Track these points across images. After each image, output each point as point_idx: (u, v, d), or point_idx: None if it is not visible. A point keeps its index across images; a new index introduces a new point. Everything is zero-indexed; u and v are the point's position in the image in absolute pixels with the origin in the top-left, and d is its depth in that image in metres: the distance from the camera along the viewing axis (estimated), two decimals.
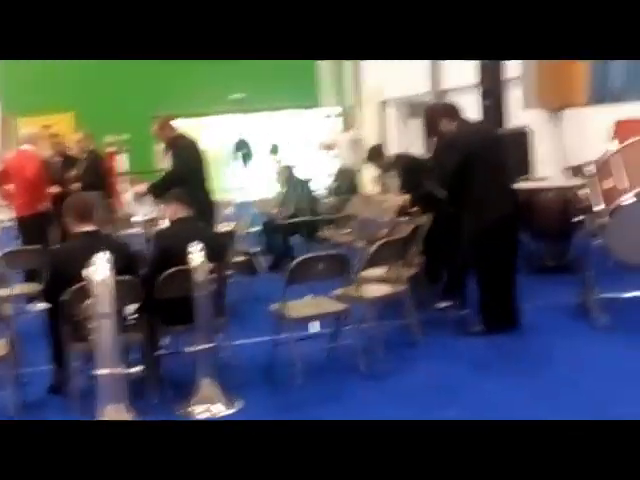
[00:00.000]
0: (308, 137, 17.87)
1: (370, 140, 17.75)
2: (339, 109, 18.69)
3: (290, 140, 17.66)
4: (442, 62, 15.32)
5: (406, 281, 5.68)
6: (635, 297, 6.29)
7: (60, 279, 4.77)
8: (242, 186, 17.76)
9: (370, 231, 8.51)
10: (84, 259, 4.60)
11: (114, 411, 4.21)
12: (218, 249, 5.18)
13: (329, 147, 12.32)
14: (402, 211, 7.02)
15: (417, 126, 16.91)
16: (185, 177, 6.64)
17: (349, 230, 8.84)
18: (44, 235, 7.28)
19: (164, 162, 15.87)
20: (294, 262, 5.17)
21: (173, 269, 4.81)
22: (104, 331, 4.25)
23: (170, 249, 4.95)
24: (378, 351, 5.26)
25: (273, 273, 8.33)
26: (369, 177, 14.48)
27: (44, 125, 18.01)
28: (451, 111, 6.17)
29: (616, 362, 4.96)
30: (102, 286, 4.23)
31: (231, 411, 4.57)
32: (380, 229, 8.07)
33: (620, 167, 5.72)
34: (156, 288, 4.83)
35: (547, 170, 10.58)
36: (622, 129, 10.18)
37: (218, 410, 4.57)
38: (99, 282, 4.23)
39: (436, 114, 6.32)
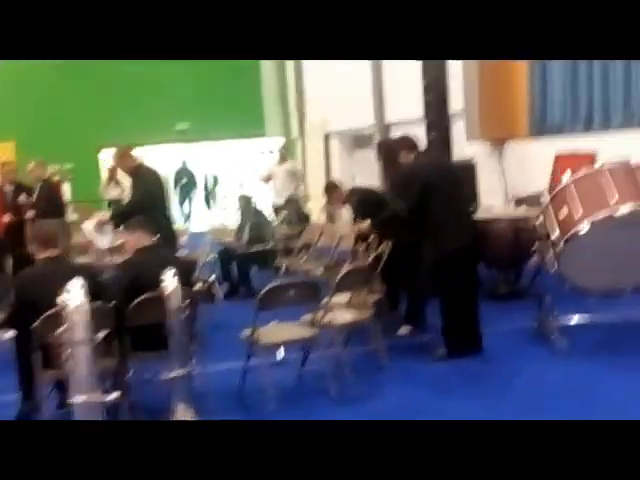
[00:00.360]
0: (252, 167, 17.96)
1: (314, 171, 17.94)
2: (283, 140, 18.86)
3: (234, 170, 17.72)
4: (386, 96, 15.56)
5: (371, 307, 5.77)
6: (594, 320, 6.43)
7: (26, 305, 4.72)
8: (188, 215, 17.78)
9: (327, 259, 8.64)
10: (50, 284, 4.57)
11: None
12: (187, 276, 5.17)
13: (266, 179, 12.50)
14: (360, 238, 7.16)
15: (361, 158, 17.14)
16: (147, 205, 6.64)
17: (305, 258, 8.96)
18: None
19: (108, 192, 15.80)
20: (265, 289, 5.18)
21: (144, 296, 4.80)
22: (80, 358, 4.20)
23: (139, 277, 4.95)
24: (347, 376, 5.28)
25: (229, 301, 8.39)
26: (315, 207, 14.68)
27: None
28: (410, 143, 6.30)
29: (576, 384, 5.09)
30: (77, 313, 4.19)
31: None
32: (338, 257, 8.21)
33: (574, 197, 5.92)
34: (127, 315, 4.80)
35: (490, 201, 10.84)
36: (561, 164, 10.55)
37: None
38: (74, 309, 4.20)
39: (395, 146, 6.46)
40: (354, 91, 16.08)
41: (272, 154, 16.46)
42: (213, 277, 8.39)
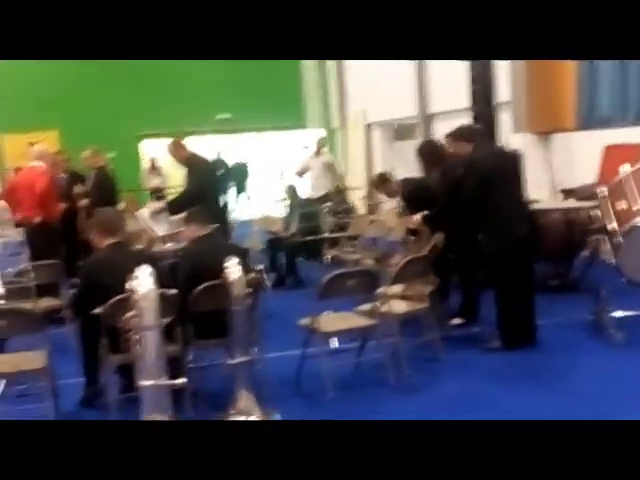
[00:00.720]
0: (291, 159, 17.99)
1: (355, 162, 17.93)
2: (322, 132, 18.89)
3: (274, 162, 17.70)
4: (429, 85, 15.54)
5: (426, 298, 5.78)
6: None
7: (92, 291, 4.80)
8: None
9: (375, 250, 8.67)
10: (114, 271, 4.67)
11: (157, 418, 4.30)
12: (246, 264, 5.22)
13: (301, 172, 12.47)
14: (410, 230, 7.17)
15: (402, 149, 17.11)
16: (201, 195, 6.72)
17: (352, 249, 8.99)
18: (52, 248, 7.27)
19: (149, 180, 15.88)
20: (327, 277, 5.21)
21: (207, 284, 4.86)
22: (148, 343, 4.27)
23: (200, 264, 5.02)
24: (404, 366, 5.30)
25: (275, 291, 8.43)
26: (356, 198, 14.67)
27: (29, 142, 18.04)
28: (470, 134, 6.33)
29: (633, 377, 5.08)
30: (146, 299, 4.27)
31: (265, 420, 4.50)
32: (387, 248, 8.23)
33: (633, 189, 5.88)
34: (190, 303, 4.87)
35: (535, 194, 10.79)
36: (610, 154, 10.44)
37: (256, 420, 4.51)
38: (144, 295, 4.28)
39: (455, 136, 6.41)
40: (396, 81, 16.07)
41: (307, 148, 16.52)
42: (262, 266, 8.47)
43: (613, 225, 5.91)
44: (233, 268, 4.61)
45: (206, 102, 17.58)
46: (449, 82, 14.17)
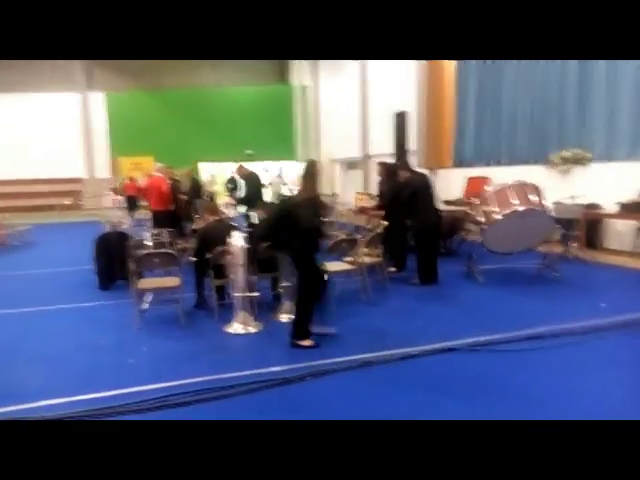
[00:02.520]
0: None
1: (326, 183, 18.04)
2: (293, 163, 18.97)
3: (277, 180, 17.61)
4: (369, 138, 15.70)
5: (379, 256, 5.93)
6: (497, 267, 6.72)
7: (204, 245, 4.95)
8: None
9: (346, 230, 8.86)
10: (217, 234, 4.91)
11: (243, 316, 4.54)
12: None
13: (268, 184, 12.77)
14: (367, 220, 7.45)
15: (351, 175, 17.33)
16: (256, 196, 6.93)
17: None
18: (169, 223, 7.31)
19: (210, 186, 15.84)
20: (332, 242, 5.37)
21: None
22: (239, 273, 4.58)
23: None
24: (369, 291, 5.48)
25: None
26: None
27: (135, 163, 17.88)
28: (406, 165, 6.52)
29: (492, 302, 5.34)
30: (239, 249, 4.58)
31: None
32: (353, 229, 8.42)
33: (494, 199, 6.25)
34: (259, 253, 4.89)
35: None
36: (470, 182, 10.93)
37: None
38: (239, 247, 4.59)
39: (397, 167, 6.58)
40: (349, 133, 16.28)
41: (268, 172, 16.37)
42: None
43: (482, 219, 6.35)
44: None
45: (238, 142, 17.61)
46: (381, 136, 14.46)
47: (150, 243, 5.31)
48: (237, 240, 4.56)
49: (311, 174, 4.01)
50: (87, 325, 4.83)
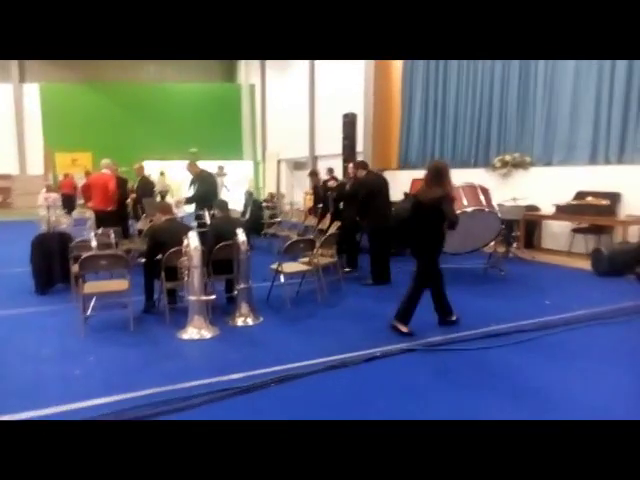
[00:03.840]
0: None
1: (270, 182, 17.84)
2: (252, 163, 18.66)
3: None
4: (316, 138, 15.66)
5: (333, 256, 5.88)
6: (446, 267, 6.69)
7: (156, 246, 4.70)
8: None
9: (297, 229, 8.80)
10: (170, 234, 4.66)
11: (198, 320, 4.31)
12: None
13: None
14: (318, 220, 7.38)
15: (298, 175, 17.22)
16: (207, 195, 6.61)
17: (280, 228, 9.09)
18: (113, 223, 6.88)
19: (158, 185, 15.21)
20: (288, 243, 5.25)
21: (223, 243, 4.81)
22: (196, 275, 4.33)
23: (221, 231, 4.92)
24: (325, 291, 5.42)
25: None
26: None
27: (72, 159, 16.84)
28: (364, 165, 6.39)
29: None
30: (195, 250, 4.33)
31: (257, 322, 4.60)
32: (304, 229, 8.33)
33: (462, 196, 6.28)
34: (213, 254, 4.82)
35: None
36: (414, 183, 11.08)
37: (251, 322, 4.58)
38: (194, 248, 4.34)
39: (355, 166, 6.46)
40: (296, 133, 16.16)
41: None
42: None
43: None
44: (241, 235, 4.68)
45: (182, 140, 17.06)
46: (329, 136, 14.41)
47: (95, 244, 4.93)
48: (193, 241, 4.32)
49: (441, 174, 4.15)
50: (25, 333, 4.41)
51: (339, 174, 11.44)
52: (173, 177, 14.92)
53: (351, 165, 7.02)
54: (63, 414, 2.88)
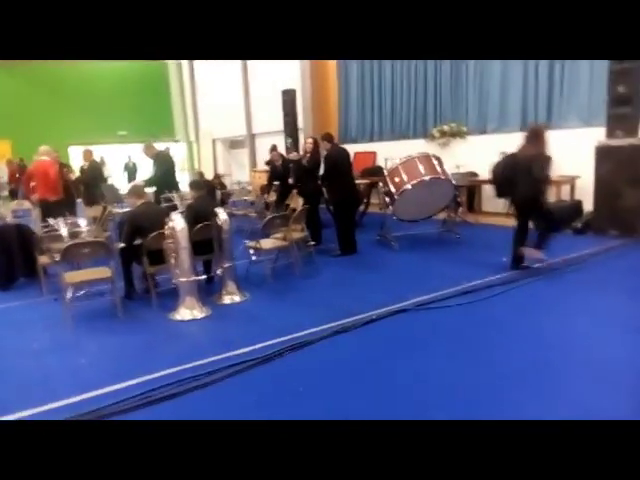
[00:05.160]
0: None
1: (206, 163, 17.34)
2: (184, 143, 18.04)
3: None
4: (254, 115, 15.39)
5: (303, 231, 5.91)
6: (404, 234, 6.97)
7: (135, 230, 4.57)
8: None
9: (254, 208, 8.73)
10: (149, 218, 4.58)
11: (190, 301, 4.30)
12: None
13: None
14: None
15: (235, 154, 16.89)
16: (165, 177, 6.44)
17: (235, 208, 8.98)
18: (60, 212, 6.49)
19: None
20: (265, 220, 5.27)
21: (203, 223, 4.73)
22: (184, 257, 4.29)
23: (199, 212, 4.82)
24: (300, 264, 5.52)
25: None
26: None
27: None
28: (330, 137, 6.37)
29: (415, 266, 5.67)
30: (181, 231, 4.29)
31: (244, 298, 4.62)
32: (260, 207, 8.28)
33: (401, 172, 6.60)
34: (193, 234, 4.61)
35: None
36: (357, 156, 11.32)
37: (238, 299, 4.61)
38: (180, 229, 4.29)
39: (322, 138, 6.41)
40: (231, 110, 15.76)
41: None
42: None
43: (392, 189, 6.67)
44: (222, 214, 4.65)
45: (108, 123, 16.15)
46: (266, 113, 14.23)
47: (65, 233, 4.69)
48: (178, 222, 4.26)
49: (537, 135, 4.79)
50: (4, 330, 4.18)
51: (282, 150, 11.46)
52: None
53: (309, 140, 7.04)
54: (85, 402, 2.83)
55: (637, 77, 6.15)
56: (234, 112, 15.56)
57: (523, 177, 4.75)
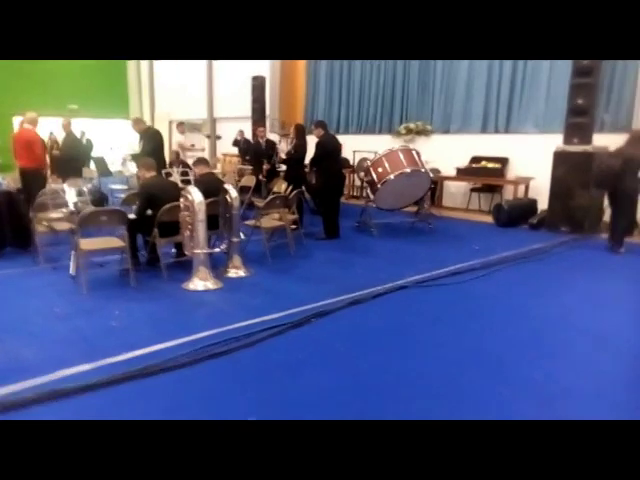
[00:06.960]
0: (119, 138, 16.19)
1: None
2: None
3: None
4: (216, 97, 15.22)
5: (294, 214, 6.09)
6: (380, 222, 7.41)
7: (148, 201, 4.59)
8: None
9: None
10: (162, 190, 4.65)
11: (203, 272, 4.43)
12: None
13: None
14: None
15: (193, 138, 16.46)
16: (156, 152, 6.38)
17: None
18: (42, 185, 6.33)
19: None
20: (266, 201, 5.43)
21: (211, 199, 4.71)
22: (200, 229, 4.41)
23: (208, 188, 4.78)
24: (295, 244, 5.74)
25: None
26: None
27: None
28: (323, 124, 6.58)
29: (399, 250, 6.02)
30: (199, 204, 4.39)
31: (249, 274, 4.76)
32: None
33: (384, 162, 6.97)
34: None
35: None
36: None
37: (244, 274, 4.75)
38: (198, 202, 4.39)
39: (315, 125, 6.60)
40: (191, 92, 15.49)
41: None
42: None
43: (375, 179, 7.02)
44: (232, 191, 4.81)
45: (58, 95, 15.35)
46: (231, 98, 14.13)
47: (75, 199, 4.61)
48: (196, 196, 4.37)
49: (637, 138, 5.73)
50: (17, 295, 4.11)
51: (248, 136, 11.51)
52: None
53: (292, 128, 7.24)
54: (135, 360, 2.93)
55: (595, 91, 6.89)
56: (195, 95, 15.30)
57: (632, 173, 5.67)
